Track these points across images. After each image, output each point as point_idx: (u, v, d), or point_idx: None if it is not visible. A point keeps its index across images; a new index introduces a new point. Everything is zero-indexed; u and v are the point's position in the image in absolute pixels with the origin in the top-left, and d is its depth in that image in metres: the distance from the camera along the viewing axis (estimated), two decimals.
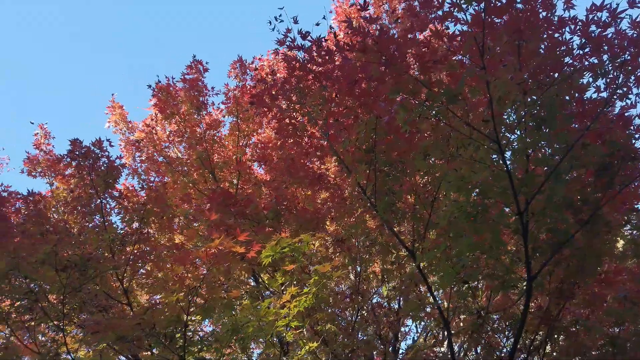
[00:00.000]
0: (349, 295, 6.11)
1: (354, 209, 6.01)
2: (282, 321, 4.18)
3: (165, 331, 4.14)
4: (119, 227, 6.70)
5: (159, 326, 4.07)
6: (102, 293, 6.23)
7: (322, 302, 4.94)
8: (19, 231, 6.67)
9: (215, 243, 3.81)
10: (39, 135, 8.99)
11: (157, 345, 4.22)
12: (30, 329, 6.01)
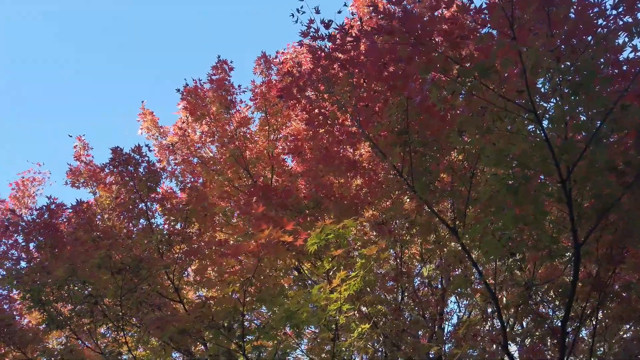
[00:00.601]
0: (393, 277, 6.18)
1: (391, 192, 6.06)
2: (334, 305, 4.29)
3: (223, 322, 4.31)
4: (164, 228, 6.93)
5: (216, 318, 4.25)
6: (154, 292, 6.50)
7: (369, 285, 5.03)
8: (71, 240, 6.99)
9: (264, 234, 3.94)
10: (78, 147, 9.35)
11: (217, 336, 4.39)
12: (92, 331, 6.33)
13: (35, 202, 11.14)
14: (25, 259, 7.01)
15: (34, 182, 11.47)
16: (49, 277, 5.93)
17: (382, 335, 5.38)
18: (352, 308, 4.44)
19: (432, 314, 6.47)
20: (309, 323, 4.51)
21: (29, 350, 6.61)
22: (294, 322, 4.50)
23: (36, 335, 6.51)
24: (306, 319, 4.42)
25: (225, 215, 8.91)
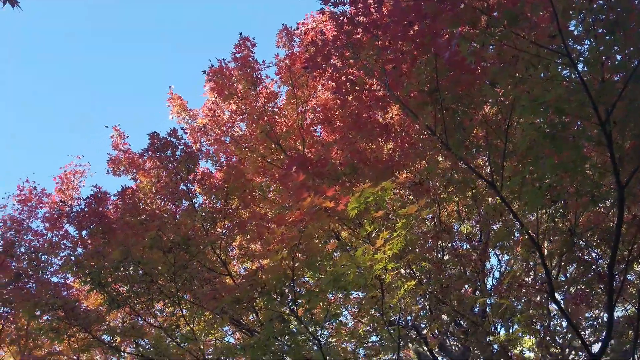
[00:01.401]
0: (433, 235, 6.25)
1: (425, 152, 6.08)
2: (379, 264, 4.41)
3: (275, 289, 4.51)
4: (206, 207, 7.19)
5: (268, 285, 4.44)
6: (204, 268, 6.80)
7: (411, 243, 5.12)
8: (120, 225, 7.34)
9: (306, 202, 4.07)
10: (115, 136, 9.67)
11: (269, 302, 4.61)
12: (149, 308, 6.70)
13: (79, 194, 11.65)
14: (80, 246, 7.42)
15: (76, 175, 11.94)
16: (104, 260, 6.27)
17: (427, 291, 5.51)
18: (397, 267, 4.55)
19: (474, 269, 6.54)
20: (356, 284, 4.65)
21: (93, 330, 7.06)
22: (341, 284, 4.66)
23: (99, 316, 6.94)
24: (353, 281, 4.57)
25: (262, 190, 9.12)
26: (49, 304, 6.49)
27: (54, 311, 6.56)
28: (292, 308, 4.60)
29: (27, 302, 6.59)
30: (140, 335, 6.67)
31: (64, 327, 6.75)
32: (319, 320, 4.90)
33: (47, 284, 8.00)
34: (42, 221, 10.52)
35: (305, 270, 4.60)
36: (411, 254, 5.11)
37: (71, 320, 6.80)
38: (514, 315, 5.76)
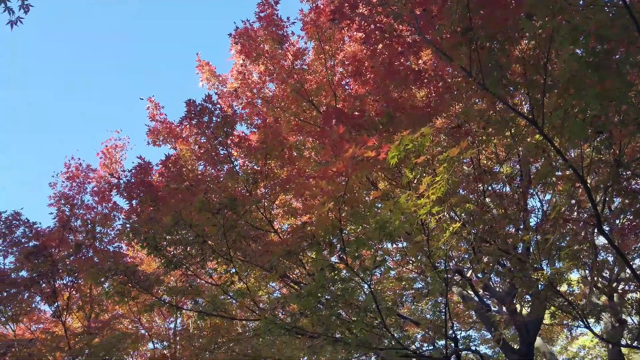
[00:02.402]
0: (474, 177, 6.25)
1: (462, 95, 6.00)
2: (423, 209, 4.51)
3: (323, 239, 4.69)
4: (247, 168, 7.38)
5: (317, 237, 4.62)
6: (251, 227, 7.07)
7: (454, 186, 5.17)
8: (167, 192, 7.65)
9: (348, 153, 4.16)
10: (150, 108, 9.90)
11: (319, 252, 4.80)
12: (204, 267, 7.07)
13: (123, 166, 12.08)
14: (133, 215, 7.79)
15: (117, 149, 12.35)
16: (158, 226, 6.61)
17: (471, 232, 5.59)
18: (441, 210, 4.63)
19: (517, 209, 6.55)
20: (402, 229, 4.77)
21: (153, 292, 7.53)
22: (387, 231, 4.80)
23: (157, 278, 7.38)
24: (398, 227, 4.69)
25: (297, 149, 9.24)
26: (112, 269, 6.94)
27: (116, 276, 7.02)
28: (342, 256, 4.78)
29: (91, 270, 7.07)
30: (197, 293, 7.07)
31: (127, 290, 7.23)
32: (367, 267, 5.07)
33: (106, 252, 8.50)
34: (91, 195, 11.04)
35: (351, 222, 4.74)
36: (454, 197, 5.16)
37: (133, 284, 7.27)
38: (560, 250, 5.79)
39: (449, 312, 5.45)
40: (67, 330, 9.18)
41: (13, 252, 9.65)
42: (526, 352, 7.29)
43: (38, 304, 10.31)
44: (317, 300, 5.12)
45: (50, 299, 9.32)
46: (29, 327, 11.17)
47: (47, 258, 8.65)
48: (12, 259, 9.79)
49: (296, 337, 6.98)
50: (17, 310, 9.87)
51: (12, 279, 9.23)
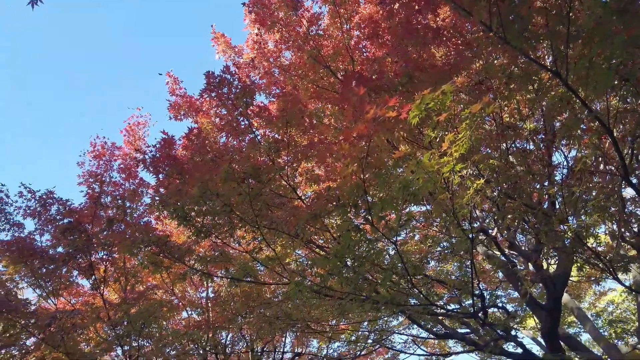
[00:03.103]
0: (497, 134, 6.20)
1: (482, 51, 5.89)
2: (447, 167, 4.53)
3: (348, 201, 4.77)
4: (268, 137, 7.46)
5: (342, 199, 4.70)
6: (276, 195, 7.20)
7: (477, 143, 5.15)
8: (191, 165, 7.81)
9: (370, 114, 4.18)
10: (170, 82, 9.99)
11: (344, 214, 4.89)
12: (232, 235, 7.27)
13: (146, 143, 12.30)
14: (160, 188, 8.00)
15: (139, 126, 12.56)
16: (185, 197, 6.79)
17: (496, 189, 5.59)
18: (464, 167, 4.64)
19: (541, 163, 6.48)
20: (425, 189, 4.81)
21: (185, 260, 7.80)
22: (411, 191, 4.85)
23: (189, 248, 7.63)
24: (422, 185, 4.73)
25: (317, 116, 9.25)
26: (144, 241, 7.20)
27: (149, 247, 7.28)
28: (367, 218, 4.86)
29: (124, 242, 7.35)
30: (227, 261, 7.31)
31: (160, 260, 7.50)
32: (393, 227, 5.15)
33: (138, 225, 8.79)
34: (118, 172, 11.33)
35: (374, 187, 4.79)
36: (477, 154, 5.15)
37: (165, 254, 7.54)
38: (586, 203, 5.75)
39: (474, 270, 5.53)
40: (105, 302, 9.60)
41: (49, 229, 10.05)
42: (553, 307, 7.33)
43: (76, 278, 10.78)
44: (344, 261, 5.24)
45: (88, 273, 9.73)
46: (69, 301, 11.71)
47: (82, 234, 8.99)
48: (48, 237, 10.22)
49: (324, 299, 7.19)
50: (57, 285, 10.34)
51: (51, 255, 9.64)
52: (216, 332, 10.64)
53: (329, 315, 8.54)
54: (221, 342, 11.94)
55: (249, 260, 7.45)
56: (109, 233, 9.24)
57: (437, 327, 9.60)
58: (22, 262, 9.43)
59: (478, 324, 8.20)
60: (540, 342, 12.02)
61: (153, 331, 9.31)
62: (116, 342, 9.00)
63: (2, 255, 9.54)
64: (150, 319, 8.44)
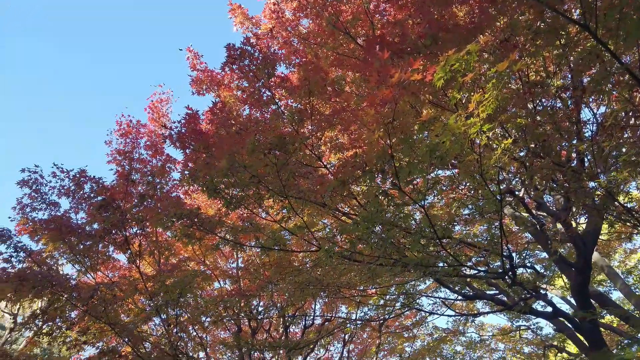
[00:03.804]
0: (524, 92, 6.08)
1: (506, 8, 5.74)
2: (474, 128, 4.51)
3: (375, 167, 4.82)
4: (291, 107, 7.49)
5: (369, 164, 4.75)
6: (301, 164, 7.28)
7: (503, 103, 5.09)
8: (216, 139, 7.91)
9: (395, 77, 4.17)
10: (190, 58, 10.04)
11: (371, 180, 4.95)
12: (260, 205, 7.41)
13: (170, 120, 12.48)
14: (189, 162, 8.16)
15: (163, 103, 12.73)
16: (214, 170, 6.93)
17: (523, 148, 5.53)
18: (491, 127, 4.61)
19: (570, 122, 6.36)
20: (453, 151, 4.81)
21: (216, 232, 8.02)
22: (438, 153, 4.86)
23: (219, 219, 7.83)
24: (449, 148, 4.73)
25: (338, 84, 9.21)
26: (176, 214, 7.42)
27: (181, 220, 7.50)
28: (394, 182, 4.91)
29: (157, 216, 7.58)
30: (257, 230, 7.49)
31: (192, 232, 7.73)
32: (420, 190, 5.19)
33: (170, 198, 9.02)
34: (145, 149, 11.57)
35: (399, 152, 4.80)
36: (504, 114, 5.10)
37: (197, 226, 7.76)
38: (617, 158, 5.65)
39: (503, 231, 5.55)
40: (142, 275, 9.98)
41: (83, 207, 10.40)
42: (583, 265, 7.31)
43: (112, 253, 11.19)
44: (372, 227, 5.33)
45: (123, 248, 10.08)
46: (107, 275, 12.19)
47: (116, 210, 9.28)
48: (83, 215, 10.58)
49: (353, 264, 7.34)
50: (95, 261, 10.76)
51: (87, 231, 10.00)
52: (248, 301, 10.99)
53: (358, 281, 8.71)
54: (253, 310, 12.33)
55: (277, 230, 7.61)
56: (141, 208, 9.52)
57: (465, 289, 9.70)
58: (60, 240, 9.81)
59: (506, 285, 8.26)
60: (569, 301, 12.03)
61: (189, 300, 9.67)
62: (154, 312, 9.39)
63: (41, 233, 9.94)
64: (185, 288, 8.77)
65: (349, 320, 12.22)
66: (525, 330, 13.36)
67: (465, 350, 14.73)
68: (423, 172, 4.95)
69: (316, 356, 15.88)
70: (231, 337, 12.64)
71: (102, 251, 10.81)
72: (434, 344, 14.21)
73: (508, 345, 14.95)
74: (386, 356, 15.79)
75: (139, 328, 10.50)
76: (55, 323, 9.30)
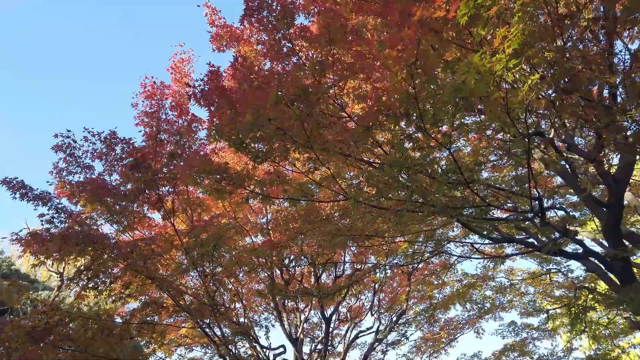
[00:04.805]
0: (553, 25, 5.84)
1: None
2: (500, 64, 4.42)
3: (399, 110, 4.80)
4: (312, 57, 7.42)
5: (393, 108, 4.73)
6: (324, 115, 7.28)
7: (530, 37, 4.92)
8: (239, 94, 7.96)
9: (417, 16, 4.08)
10: (208, 14, 9.96)
11: (396, 123, 4.94)
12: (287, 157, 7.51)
13: (192, 79, 12.53)
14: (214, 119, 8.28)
15: (184, 62, 12.76)
16: (239, 125, 7.02)
17: (552, 84, 5.37)
18: (518, 63, 4.50)
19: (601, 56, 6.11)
20: (478, 89, 4.74)
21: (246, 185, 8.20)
22: (463, 93, 4.79)
23: (247, 174, 7.99)
24: (475, 87, 4.66)
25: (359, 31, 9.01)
26: (206, 170, 7.60)
27: (211, 175, 7.69)
28: (419, 125, 4.89)
29: (189, 172, 7.79)
30: (285, 182, 7.63)
31: (222, 187, 7.93)
32: (446, 133, 5.17)
33: (198, 156, 9.23)
34: (170, 110, 11.73)
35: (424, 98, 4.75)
36: (531, 48, 4.95)
37: (226, 181, 7.96)
38: None
39: (531, 170, 5.50)
40: (177, 231, 10.37)
41: (116, 169, 10.74)
42: (615, 203, 7.20)
43: (147, 212, 11.62)
44: (399, 170, 5.37)
45: (157, 206, 10.44)
46: (143, 234, 12.70)
47: (147, 170, 9.56)
48: (116, 177, 10.94)
49: (381, 212, 7.43)
50: (131, 220, 11.20)
51: (122, 192, 10.37)
52: (279, 252, 11.33)
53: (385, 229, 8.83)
54: (284, 261, 12.72)
55: (306, 182, 7.74)
56: (172, 167, 9.78)
57: (493, 234, 9.73)
58: (97, 201, 10.22)
59: (536, 227, 8.23)
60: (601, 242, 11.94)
61: (223, 254, 10.04)
62: (191, 265, 9.81)
63: (79, 195, 10.37)
64: (219, 241, 9.09)
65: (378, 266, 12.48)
66: (555, 274, 13.39)
67: (495, 295, 14.92)
68: (448, 114, 4.92)
69: (348, 305, 16.39)
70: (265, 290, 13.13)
71: (137, 211, 11.22)
72: (463, 289, 14.43)
73: (538, 288, 15.05)
74: (416, 303, 16.16)
75: (178, 281, 11.02)
76: (100, 278, 9.82)
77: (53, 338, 8.47)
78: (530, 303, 15.21)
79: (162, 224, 12.63)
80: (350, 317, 15.78)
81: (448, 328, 16.31)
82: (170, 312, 11.08)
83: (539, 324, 15.44)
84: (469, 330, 16.07)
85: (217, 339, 11.38)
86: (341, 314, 16.58)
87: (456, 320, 16.23)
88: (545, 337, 15.64)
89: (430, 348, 16.47)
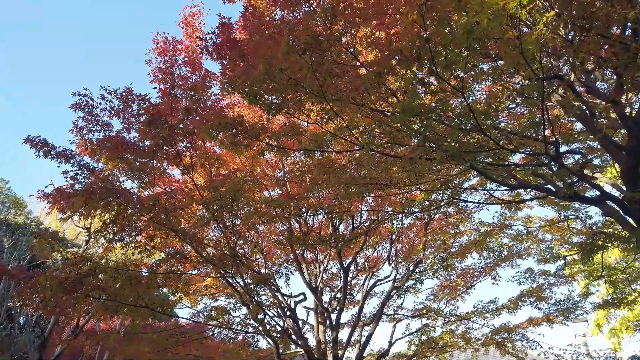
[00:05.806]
0: None
1: None
2: (514, 1, 4.30)
3: (411, 53, 4.75)
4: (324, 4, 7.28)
5: (404, 51, 4.68)
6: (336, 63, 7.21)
7: None
8: (251, 46, 7.91)
9: None
10: None
11: (408, 67, 4.90)
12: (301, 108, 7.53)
13: (203, 33, 12.42)
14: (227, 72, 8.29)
15: (195, 17, 12.64)
16: (252, 76, 7.03)
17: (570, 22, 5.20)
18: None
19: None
20: (491, 30, 4.64)
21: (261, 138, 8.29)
22: (475, 34, 4.70)
23: (263, 126, 8.06)
24: (488, 27, 4.57)
25: None
26: (221, 124, 7.69)
27: (226, 129, 7.78)
28: (431, 69, 4.85)
29: (204, 126, 7.89)
30: (299, 133, 7.69)
31: (238, 140, 8.04)
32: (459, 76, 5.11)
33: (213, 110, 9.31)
34: (183, 65, 11.72)
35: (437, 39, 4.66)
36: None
37: (242, 134, 8.05)
38: None
39: (546, 109, 5.43)
40: (196, 185, 10.61)
41: (134, 126, 10.91)
42: (634, 146, 7.09)
43: (167, 168, 11.87)
44: (411, 115, 5.36)
45: (176, 161, 10.64)
46: (164, 189, 13.02)
47: (164, 125, 9.69)
48: (135, 134, 11.12)
49: (395, 160, 7.47)
50: (151, 176, 11.47)
51: (141, 148, 10.58)
52: (297, 203, 11.54)
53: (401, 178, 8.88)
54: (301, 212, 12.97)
55: (321, 133, 7.77)
56: (188, 123, 9.89)
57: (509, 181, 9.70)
58: (117, 158, 10.45)
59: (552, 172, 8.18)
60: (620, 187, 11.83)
61: (242, 206, 10.28)
62: (211, 216, 10.09)
63: (100, 153, 10.61)
64: (237, 194, 9.29)
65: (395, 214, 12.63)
66: (573, 220, 13.38)
67: (512, 243, 15.02)
68: (461, 57, 4.85)
69: (365, 255, 16.75)
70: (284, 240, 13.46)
71: (157, 167, 11.46)
72: (480, 238, 14.56)
73: (556, 235, 15.08)
74: (433, 252, 16.40)
75: (199, 234, 11.37)
76: (126, 232, 10.20)
77: (84, 288, 8.93)
78: (547, 250, 15.29)
79: (182, 180, 12.91)
80: (368, 267, 16.16)
81: (465, 276, 16.59)
82: (195, 264, 11.52)
83: (556, 270, 15.59)
84: (485, 278, 16.32)
85: (239, 288, 11.84)
86: (359, 264, 16.98)
87: (473, 268, 16.48)
88: (562, 283, 15.79)
89: (447, 295, 16.84)
